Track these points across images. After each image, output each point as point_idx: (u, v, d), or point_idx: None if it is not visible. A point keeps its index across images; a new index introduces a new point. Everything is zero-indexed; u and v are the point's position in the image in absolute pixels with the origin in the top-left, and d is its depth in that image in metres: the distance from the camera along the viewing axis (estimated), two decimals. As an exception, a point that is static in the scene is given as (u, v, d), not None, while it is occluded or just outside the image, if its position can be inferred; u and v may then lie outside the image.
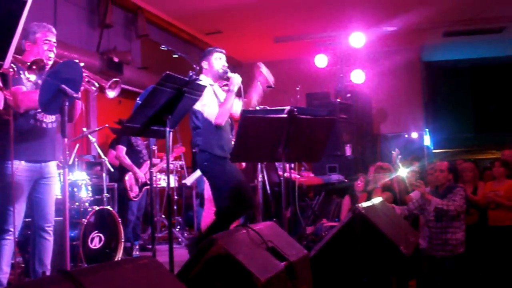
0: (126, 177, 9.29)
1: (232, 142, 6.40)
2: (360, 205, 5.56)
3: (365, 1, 12.79)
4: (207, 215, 7.70)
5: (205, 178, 7.42)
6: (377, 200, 6.57)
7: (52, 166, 5.61)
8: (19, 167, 5.22)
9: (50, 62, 5.43)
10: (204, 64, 6.55)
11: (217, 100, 6.37)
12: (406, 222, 7.01)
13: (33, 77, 4.62)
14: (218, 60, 6.51)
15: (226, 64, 6.58)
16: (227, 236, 3.79)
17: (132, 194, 9.28)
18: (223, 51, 6.61)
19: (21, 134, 5.18)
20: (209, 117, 6.23)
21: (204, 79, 6.38)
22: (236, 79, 6.36)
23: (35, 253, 5.54)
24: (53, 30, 5.52)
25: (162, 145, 8.23)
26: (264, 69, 6.62)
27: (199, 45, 15.34)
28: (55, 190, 5.75)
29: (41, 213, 5.52)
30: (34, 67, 4.60)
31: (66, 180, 4.76)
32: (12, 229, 5.20)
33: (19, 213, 5.27)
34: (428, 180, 7.79)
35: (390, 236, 5.26)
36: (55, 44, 5.52)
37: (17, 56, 4.95)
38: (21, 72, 5.23)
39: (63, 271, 2.25)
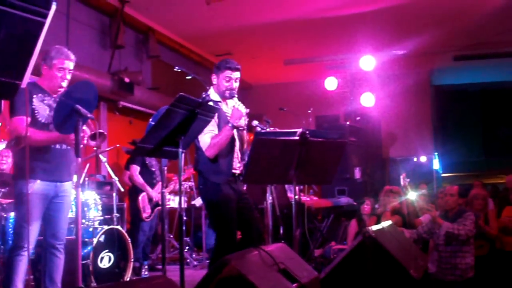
0: (140, 197, 9.31)
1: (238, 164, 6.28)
2: (370, 228, 5.56)
3: (375, 24, 12.82)
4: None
5: None
6: (386, 223, 6.57)
7: (67, 185, 5.63)
8: (35, 186, 5.25)
9: (62, 89, 5.47)
10: (213, 78, 6.10)
11: (217, 124, 5.92)
12: (415, 245, 7.00)
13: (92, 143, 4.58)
14: (226, 80, 6.00)
15: (236, 85, 6.06)
16: (239, 257, 3.80)
17: (144, 215, 9.29)
18: (236, 67, 6.03)
19: (36, 154, 5.22)
20: (201, 145, 5.89)
21: (212, 95, 6.10)
22: (236, 113, 5.87)
23: (46, 270, 5.54)
24: (71, 56, 5.52)
25: (171, 166, 8.25)
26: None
27: (209, 66, 15.41)
28: (68, 209, 5.78)
29: (53, 231, 5.52)
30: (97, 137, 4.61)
31: (80, 200, 4.78)
32: (26, 246, 5.22)
33: (34, 230, 5.30)
34: (438, 204, 7.78)
35: (400, 259, 5.27)
36: (71, 72, 5.54)
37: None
38: (34, 96, 5.29)
39: (81, 289, 2.26)
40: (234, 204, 6.00)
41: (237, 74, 6.06)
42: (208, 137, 5.83)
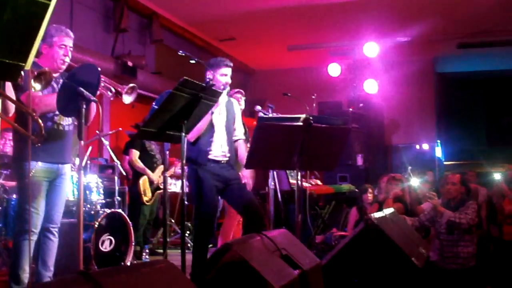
0: (140, 181, 9.31)
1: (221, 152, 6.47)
2: (372, 215, 5.55)
3: (379, 11, 12.78)
4: (228, 221, 7.71)
5: None
6: (388, 210, 6.55)
7: (67, 168, 5.62)
8: (37, 168, 5.22)
9: (64, 66, 5.44)
10: (209, 74, 6.42)
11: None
12: (417, 233, 6.99)
13: (37, 87, 4.52)
14: (223, 77, 6.43)
15: (229, 81, 6.52)
16: (242, 242, 3.80)
17: (145, 198, 9.30)
18: (230, 65, 6.53)
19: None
20: None
21: None
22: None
23: (39, 253, 5.48)
24: (71, 34, 5.47)
25: (174, 150, 8.24)
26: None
27: (213, 51, 15.38)
28: (66, 192, 5.76)
29: (48, 214, 5.44)
30: (41, 77, 4.51)
31: (82, 183, 4.76)
32: (33, 229, 5.19)
33: (40, 214, 5.28)
34: (441, 192, 7.77)
35: (402, 247, 5.25)
36: (71, 49, 5.48)
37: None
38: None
39: (83, 272, 2.26)
40: (212, 189, 6.30)
41: (230, 71, 6.53)
42: None
